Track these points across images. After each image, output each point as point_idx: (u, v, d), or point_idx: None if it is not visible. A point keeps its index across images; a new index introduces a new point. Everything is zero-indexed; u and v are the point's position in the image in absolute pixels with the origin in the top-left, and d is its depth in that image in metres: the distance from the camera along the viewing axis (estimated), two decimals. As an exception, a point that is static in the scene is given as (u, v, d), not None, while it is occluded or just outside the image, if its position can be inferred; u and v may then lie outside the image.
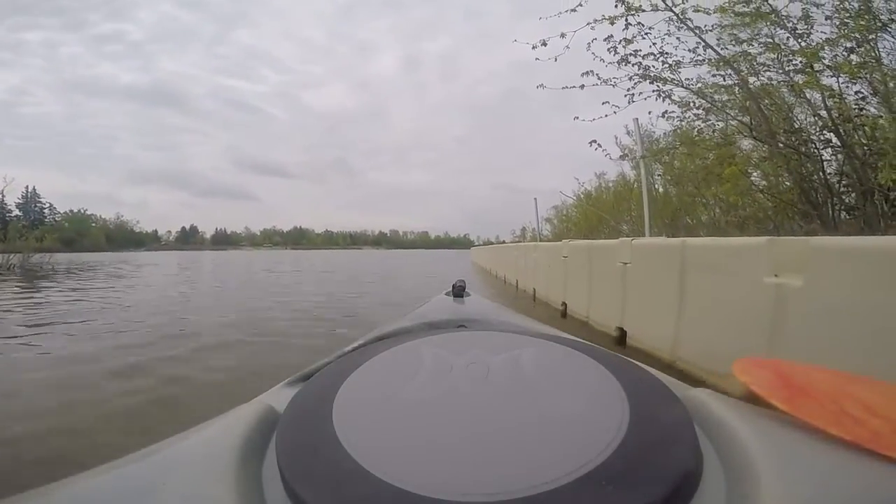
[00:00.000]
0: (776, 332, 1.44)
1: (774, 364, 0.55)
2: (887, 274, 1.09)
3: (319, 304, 5.18)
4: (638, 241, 2.59)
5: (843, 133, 3.25)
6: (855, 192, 3.34)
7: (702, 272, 1.93)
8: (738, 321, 1.63)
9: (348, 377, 0.55)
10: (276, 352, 2.74)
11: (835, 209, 3.46)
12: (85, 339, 3.11)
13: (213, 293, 6.82)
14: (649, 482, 0.35)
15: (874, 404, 0.43)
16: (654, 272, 2.31)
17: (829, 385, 0.49)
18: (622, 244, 2.72)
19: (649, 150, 5.34)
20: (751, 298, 1.55)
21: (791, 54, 3.38)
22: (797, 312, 1.36)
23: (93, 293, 6.29)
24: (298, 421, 0.48)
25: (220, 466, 0.39)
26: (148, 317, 4.09)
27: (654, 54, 3.67)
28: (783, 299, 1.41)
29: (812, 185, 3.55)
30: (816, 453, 0.37)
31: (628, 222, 7.57)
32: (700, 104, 3.86)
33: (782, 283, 1.42)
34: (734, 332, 1.65)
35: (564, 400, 0.47)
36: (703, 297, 1.90)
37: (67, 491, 0.39)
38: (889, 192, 2.96)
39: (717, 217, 4.96)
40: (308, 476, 0.39)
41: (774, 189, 3.98)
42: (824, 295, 1.26)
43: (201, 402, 1.81)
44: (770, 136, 3.60)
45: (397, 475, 0.37)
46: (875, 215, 3.04)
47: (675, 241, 2.17)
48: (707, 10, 3.48)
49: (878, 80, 3.11)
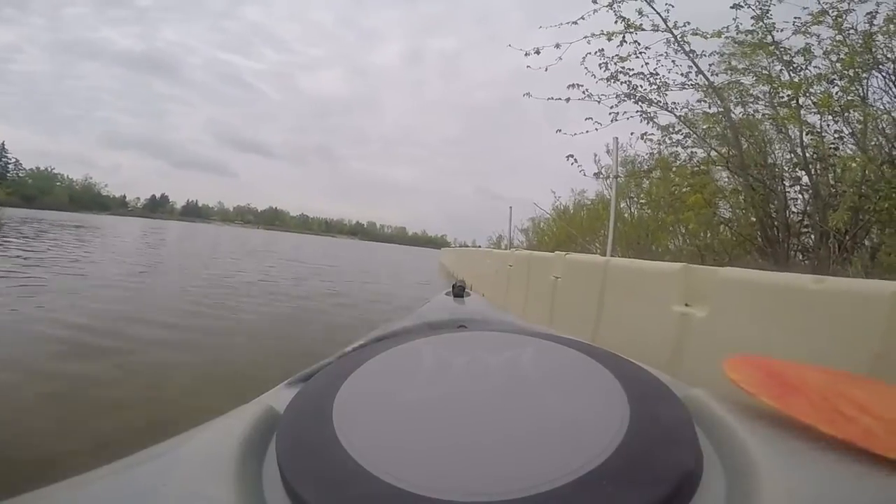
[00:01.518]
0: (675, 362, 1.39)
1: (766, 362, 0.54)
2: (787, 310, 1.03)
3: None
4: (571, 256, 2.56)
5: (814, 173, 3.28)
6: (814, 233, 3.36)
7: (618, 292, 1.91)
8: (644, 347, 1.58)
9: (348, 377, 0.54)
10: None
11: (791, 248, 3.47)
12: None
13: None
14: (649, 482, 0.35)
15: (865, 402, 0.43)
16: (579, 288, 2.29)
17: (820, 383, 0.48)
18: (556, 258, 2.68)
19: (627, 171, 5.31)
20: (658, 325, 1.51)
21: (781, 87, 3.39)
22: (697, 343, 1.33)
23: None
24: (298, 421, 0.47)
25: (220, 467, 0.39)
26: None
27: (644, 74, 3.65)
28: (687, 328, 1.37)
29: (773, 222, 3.57)
30: (816, 453, 0.37)
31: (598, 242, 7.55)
32: (680, 129, 3.85)
33: (688, 312, 1.39)
34: (638, 355, 1.57)
35: (564, 400, 0.47)
36: (616, 318, 1.88)
37: (68, 492, 0.39)
38: (845, 234, 2.96)
39: (680, 245, 4.95)
40: (308, 476, 0.38)
41: (738, 223, 3.96)
42: (726, 325, 1.22)
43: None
44: (742, 168, 3.61)
45: (397, 475, 0.36)
46: (827, 258, 3.04)
47: (601, 259, 2.14)
48: (705, 35, 3.46)
49: (858, 120, 3.13)
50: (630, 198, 6.32)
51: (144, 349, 2.31)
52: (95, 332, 2.50)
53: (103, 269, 5.18)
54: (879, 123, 3.17)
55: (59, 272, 4.52)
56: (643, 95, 3.70)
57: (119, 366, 2.03)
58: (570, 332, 2.19)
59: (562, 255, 2.60)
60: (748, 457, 0.37)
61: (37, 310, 2.88)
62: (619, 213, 5.05)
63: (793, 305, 1.01)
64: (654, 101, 3.72)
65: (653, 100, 3.71)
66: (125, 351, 2.23)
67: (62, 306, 3.05)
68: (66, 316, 2.78)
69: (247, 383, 1.46)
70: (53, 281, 4.02)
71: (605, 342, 1.85)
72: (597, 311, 1.99)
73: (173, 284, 4.74)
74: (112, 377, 1.90)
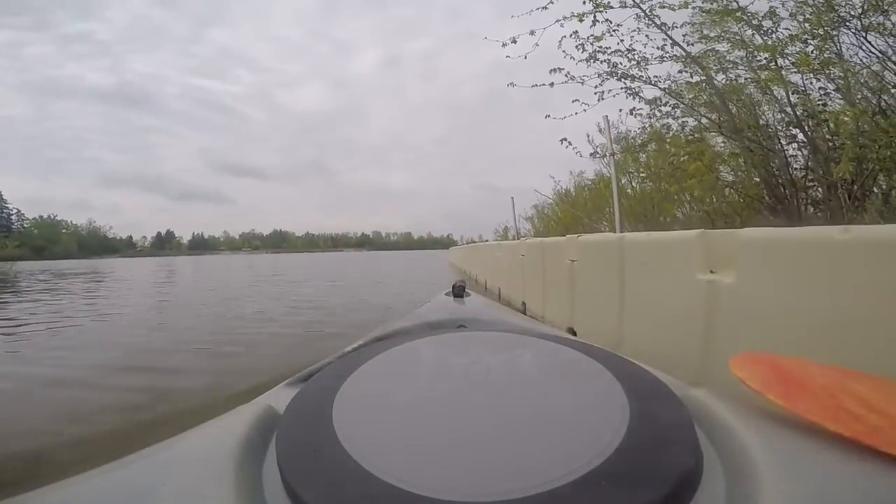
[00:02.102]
0: (709, 333, 1.36)
1: (771, 359, 0.54)
2: (816, 266, 1.01)
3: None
4: (584, 237, 2.51)
5: (808, 129, 3.27)
6: (821, 186, 3.35)
7: (637, 269, 1.85)
8: (674, 321, 1.55)
9: (348, 377, 0.54)
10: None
11: (800, 203, 3.46)
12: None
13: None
14: (650, 482, 0.35)
15: (871, 400, 0.43)
16: (598, 269, 2.24)
17: (825, 380, 0.48)
18: (569, 241, 2.64)
19: (622, 147, 5.30)
20: (685, 296, 1.48)
21: (756, 50, 3.40)
22: (729, 311, 1.28)
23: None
24: (298, 421, 0.47)
25: (220, 467, 0.39)
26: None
27: (621, 51, 3.65)
28: (716, 296, 1.33)
29: (778, 180, 3.56)
30: (816, 453, 0.37)
31: (605, 220, 7.53)
32: (668, 101, 3.84)
33: (715, 280, 1.34)
34: (671, 332, 1.57)
35: (565, 400, 0.47)
36: (640, 296, 1.83)
37: (68, 491, 0.39)
38: (853, 184, 2.95)
39: (688, 213, 4.94)
40: (308, 476, 0.38)
41: (742, 184, 3.96)
42: (754, 290, 1.18)
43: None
44: (736, 132, 3.61)
45: (397, 475, 0.36)
46: (839, 208, 3.03)
47: (615, 236, 2.08)
48: (673, 6, 3.47)
49: (839, 76, 3.12)
50: (630, 173, 6.31)
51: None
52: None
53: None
54: (860, 78, 3.15)
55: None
56: (625, 72, 3.71)
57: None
58: (595, 315, 2.21)
59: (574, 237, 2.56)
60: (748, 457, 0.37)
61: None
62: (621, 190, 5.03)
63: (822, 259, 0.98)
64: (636, 76, 3.72)
65: (635, 75, 3.72)
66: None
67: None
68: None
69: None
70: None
71: (632, 320, 1.87)
72: (619, 289, 1.95)
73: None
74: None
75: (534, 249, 3.57)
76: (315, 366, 0.68)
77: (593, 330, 2.31)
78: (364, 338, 0.80)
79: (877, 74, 3.00)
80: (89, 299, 6.27)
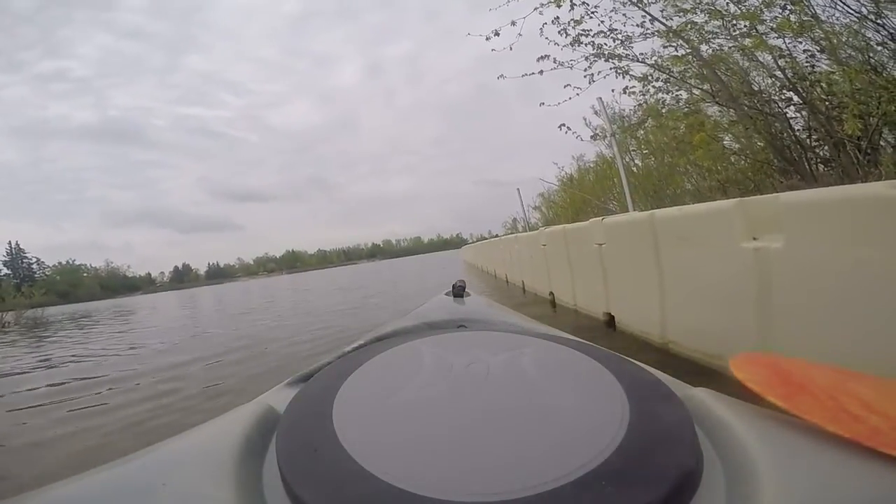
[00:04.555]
0: (764, 302, 1.33)
1: (772, 360, 0.55)
2: (867, 224, 1.01)
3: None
4: (609, 219, 2.48)
5: (802, 90, 3.27)
6: (827, 144, 3.35)
7: (675, 245, 1.81)
8: (722, 294, 1.52)
9: (348, 377, 0.54)
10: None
11: (810, 163, 3.47)
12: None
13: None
14: (649, 482, 0.35)
15: (872, 401, 0.43)
16: (630, 250, 2.21)
17: (826, 381, 0.48)
18: (594, 225, 2.61)
19: (620, 126, 5.33)
20: (731, 267, 1.45)
21: (734, 19, 3.40)
22: (783, 276, 1.26)
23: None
24: (298, 421, 0.47)
25: (220, 466, 0.39)
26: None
27: (604, 32, 3.68)
28: (765, 263, 1.31)
29: (784, 142, 3.55)
30: (816, 453, 0.37)
31: (613, 200, 7.54)
32: (658, 77, 3.85)
33: (762, 247, 1.32)
34: (720, 306, 1.55)
35: (564, 400, 0.47)
36: (682, 272, 1.78)
37: (67, 491, 0.39)
38: (860, 140, 2.98)
39: (698, 184, 4.97)
40: (308, 476, 0.38)
41: (748, 150, 3.99)
42: (808, 253, 1.17)
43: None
44: (732, 100, 3.61)
45: (398, 476, 0.36)
46: (851, 164, 3.05)
47: (644, 214, 2.05)
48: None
49: (821, 37, 3.14)
50: (631, 151, 6.32)
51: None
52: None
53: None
54: (842, 38, 3.16)
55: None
56: (611, 52, 3.74)
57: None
58: (634, 297, 2.25)
59: (598, 220, 2.52)
60: (748, 457, 0.37)
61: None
62: (626, 168, 5.07)
63: (874, 216, 0.97)
64: (622, 55, 3.76)
65: (621, 55, 3.75)
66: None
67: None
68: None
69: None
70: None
71: (675, 298, 1.85)
72: (656, 268, 1.90)
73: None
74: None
75: (556, 238, 3.53)
76: (315, 366, 0.68)
77: (634, 313, 2.27)
78: (364, 338, 0.81)
79: (857, 33, 3.00)
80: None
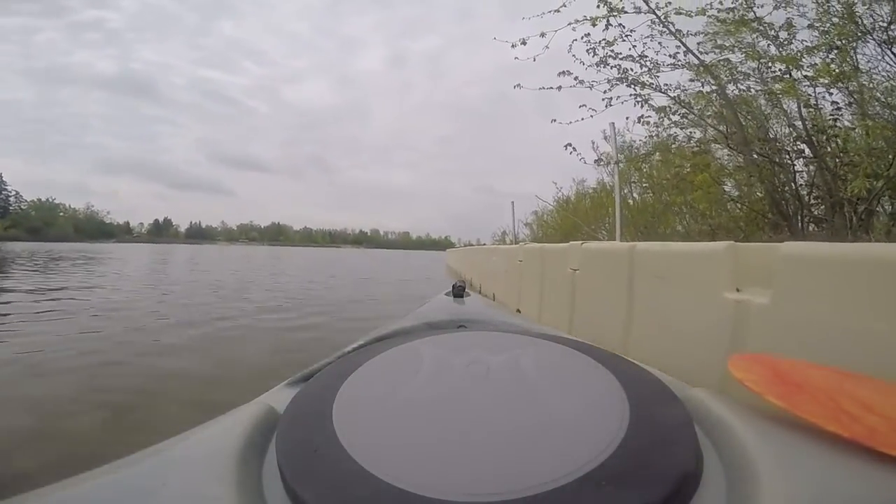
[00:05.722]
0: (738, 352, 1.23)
1: (771, 361, 0.54)
2: (873, 287, 0.90)
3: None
4: (588, 244, 2.39)
5: (817, 143, 3.25)
6: (824, 203, 3.36)
7: (651, 281, 1.71)
8: (691, 338, 1.41)
9: (348, 377, 0.54)
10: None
11: (804, 220, 3.45)
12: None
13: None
14: (649, 482, 0.35)
15: (870, 401, 0.43)
16: (602, 280, 2.11)
17: (825, 382, 0.48)
18: (572, 248, 2.52)
19: (626, 157, 5.25)
20: (706, 314, 1.34)
21: (771, 61, 3.37)
22: (762, 334, 1.14)
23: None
24: (299, 421, 0.47)
25: (220, 466, 0.39)
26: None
27: (633, 57, 3.61)
28: (744, 317, 1.19)
29: (783, 195, 3.54)
30: (816, 453, 0.37)
31: (604, 229, 7.48)
32: (677, 110, 3.81)
33: (745, 300, 1.20)
34: (687, 350, 1.43)
35: (564, 400, 0.47)
36: (653, 309, 1.69)
37: (68, 492, 0.38)
38: (857, 203, 2.93)
39: (688, 226, 4.90)
40: (308, 476, 0.38)
41: (746, 199, 3.93)
42: (798, 314, 1.05)
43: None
44: (745, 144, 3.59)
45: (397, 475, 0.36)
46: (843, 227, 3.02)
47: (624, 245, 1.95)
48: (689, 13, 3.44)
49: (855, 89, 3.10)
50: (632, 183, 6.27)
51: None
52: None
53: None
54: (875, 92, 3.13)
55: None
56: (635, 78, 3.67)
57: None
58: (598, 331, 2.10)
59: (577, 244, 2.43)
60: (748, 457, 0.37)
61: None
62: (622, 200, 4.97)
63: (876, 280, 0.88)
64: (646, 83, 3.68)
65: (645, 82, 3.68)
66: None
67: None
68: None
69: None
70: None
71: (641, 339, 1.74)
72: (627, 304, 1.81)
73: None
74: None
75: (532, 255, 3.45)
76: (315, 366, 0.67)
77: (596, 342, 2.17)
78: (364, 338, 0.80)
79: (890, 90, 2.99)
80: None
